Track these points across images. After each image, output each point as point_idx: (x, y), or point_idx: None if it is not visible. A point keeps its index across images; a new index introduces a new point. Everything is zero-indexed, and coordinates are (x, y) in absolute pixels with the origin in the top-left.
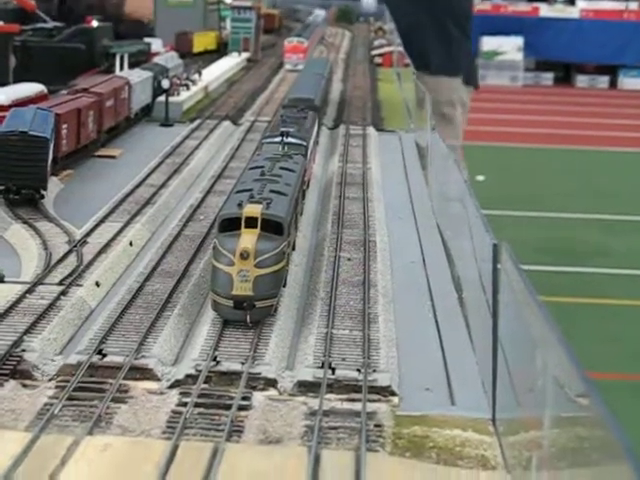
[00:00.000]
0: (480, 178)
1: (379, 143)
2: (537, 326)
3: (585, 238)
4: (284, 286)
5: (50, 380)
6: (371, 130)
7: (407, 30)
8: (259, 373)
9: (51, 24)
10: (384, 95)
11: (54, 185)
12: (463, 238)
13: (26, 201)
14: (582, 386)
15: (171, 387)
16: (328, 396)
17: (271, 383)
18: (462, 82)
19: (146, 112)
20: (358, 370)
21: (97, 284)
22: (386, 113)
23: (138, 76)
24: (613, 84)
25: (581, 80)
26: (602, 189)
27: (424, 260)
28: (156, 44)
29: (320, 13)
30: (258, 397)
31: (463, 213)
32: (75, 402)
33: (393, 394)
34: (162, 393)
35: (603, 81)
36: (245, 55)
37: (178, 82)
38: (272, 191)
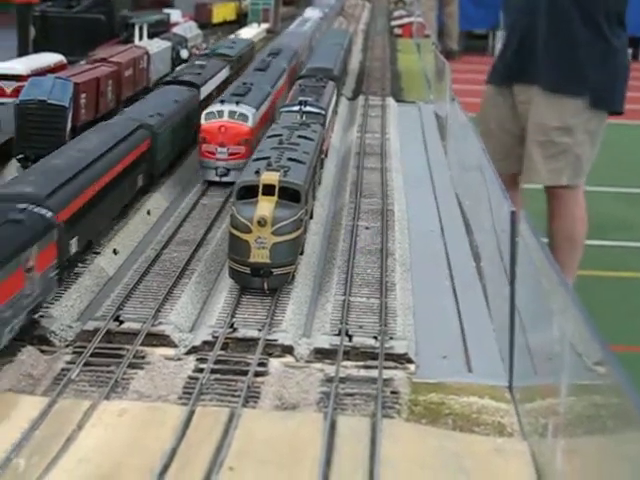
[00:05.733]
0: None
1: (398, 114)
2: (555, 293)
3: (608, 211)
4: (301, 254)
5: (67, 346)
6: (390, 101)
7: (518, 24)
8: (276, 340)
9: None
10: (404, 66)
11: None
12: (482, 207)
13: None
14: (600, 354)
15: (188, 353)
16: (345, 363)
17: (288, 350)
18: (589, 104)
19: None
20: (375, 337)
21: (115, 252)
22: (405, 84)
23: (157, 46)
24: (635, 57)
25: None
26: (627, 162)
27: (442, 229)
28: (175, 14)
29: (313, 14)
30: (274, 364)
31: (482, 182)
32: (92, 367)
33: (410, 361)
34: (179, 359)
35: None
36: (265, 26)
37: (197, 52)
38: (290, 159)
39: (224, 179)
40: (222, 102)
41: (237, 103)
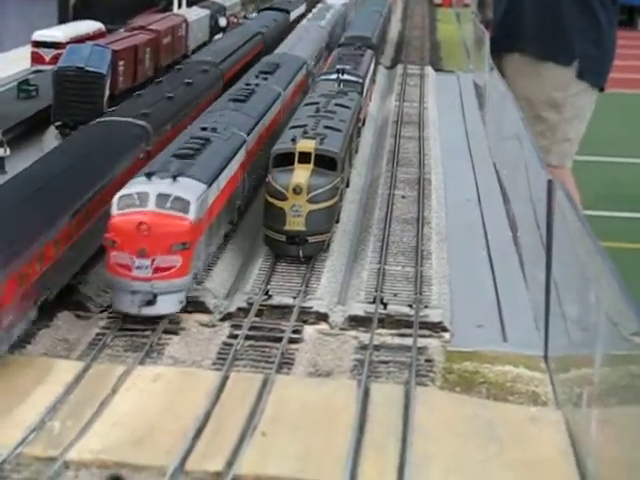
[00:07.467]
0: None
1: (437, 83)
2: (591, 263)
3: None
4: (337, 222)
5: (103, 311)
6: (429, 70)
7: None
8: (310, 307)
9: None
10: (443, 35)
11: None
12: (519, 176)
13: None
14: (636, 324)
15: (223, 320)
16: (379, 331)
17: (322, 317)
18: (575, 75)
19: None
20: (410, 306)
21: None
22: (444, 53)
23: (195, 14)
24: (631, 24)
25: None
26: None
27: (479, 198)
28: None
29: (336, 1)
30: (309, 331)
31: (519, 151)
32: (127, 333)
33: (444, 330)
34: (214, 325)
35: None
36: None
37: (235, 21)
38: (326, 127)
39: (146, 311)
40: (148, 176)
41: (174, 178)
